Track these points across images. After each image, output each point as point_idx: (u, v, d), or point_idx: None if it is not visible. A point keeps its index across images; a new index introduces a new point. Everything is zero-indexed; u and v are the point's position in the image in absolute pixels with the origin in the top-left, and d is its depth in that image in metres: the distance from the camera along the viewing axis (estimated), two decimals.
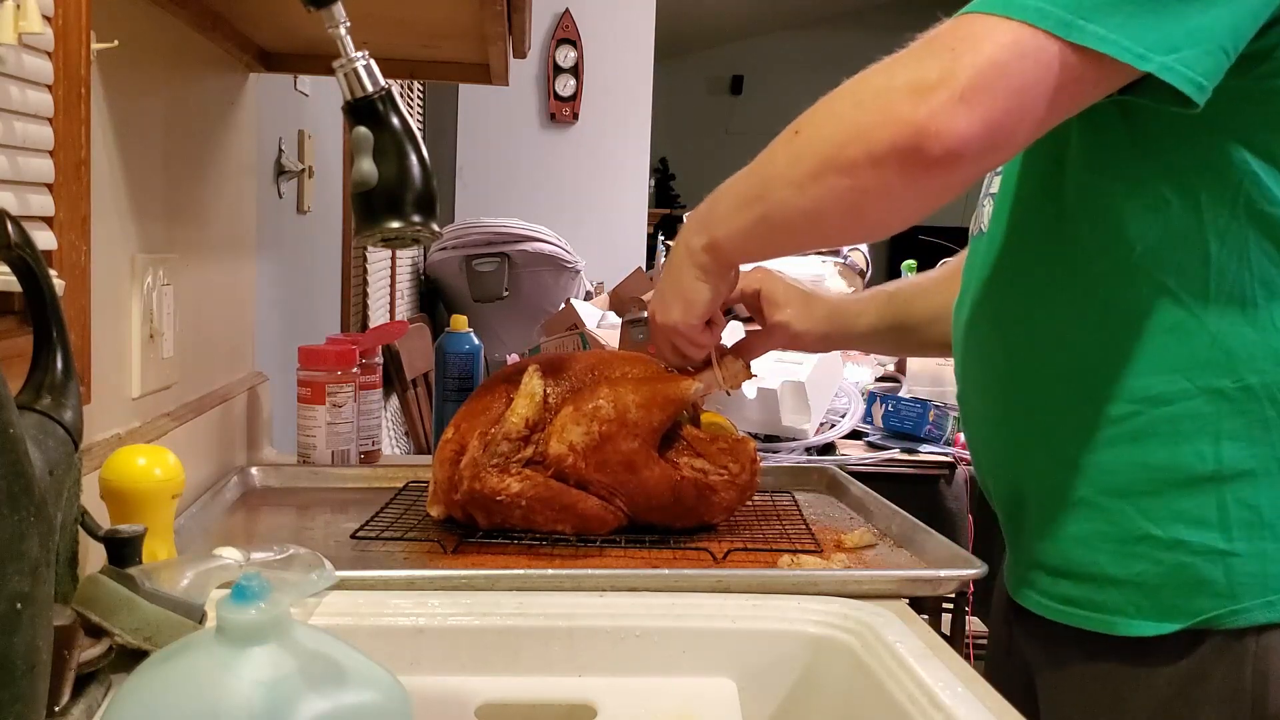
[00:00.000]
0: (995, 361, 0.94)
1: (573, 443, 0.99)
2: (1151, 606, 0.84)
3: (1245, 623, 0.82)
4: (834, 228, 0.85)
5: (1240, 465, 0.81)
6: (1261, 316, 0.81)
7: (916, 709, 0.69)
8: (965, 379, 1.00)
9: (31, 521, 0.49)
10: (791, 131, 0.82)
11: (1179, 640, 0.83)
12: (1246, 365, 0.81)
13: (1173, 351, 0.82)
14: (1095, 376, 0.85)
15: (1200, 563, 0.82)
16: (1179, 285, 0.81)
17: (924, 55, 0.75)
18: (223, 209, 1.33)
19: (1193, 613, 0.83)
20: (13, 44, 0.75)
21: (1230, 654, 0.82)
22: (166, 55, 1.13)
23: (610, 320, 2.66)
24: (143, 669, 0.50)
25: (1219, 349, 0.81)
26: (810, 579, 0.88)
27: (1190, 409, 0.82)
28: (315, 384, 1.33)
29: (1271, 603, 0.81)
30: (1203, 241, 0.80)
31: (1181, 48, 0.72)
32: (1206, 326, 0.81)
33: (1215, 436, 0.81)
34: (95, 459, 0.87)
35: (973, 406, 0.99)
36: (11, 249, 0.61)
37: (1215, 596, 0.82)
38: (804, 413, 1.93)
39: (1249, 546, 0.81)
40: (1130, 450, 0.84)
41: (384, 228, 0.82)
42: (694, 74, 7.92)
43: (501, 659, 0.81)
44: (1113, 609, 0.85)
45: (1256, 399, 0.81)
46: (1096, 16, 0.72)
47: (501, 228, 3.97)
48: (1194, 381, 0.82)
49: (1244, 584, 0.82)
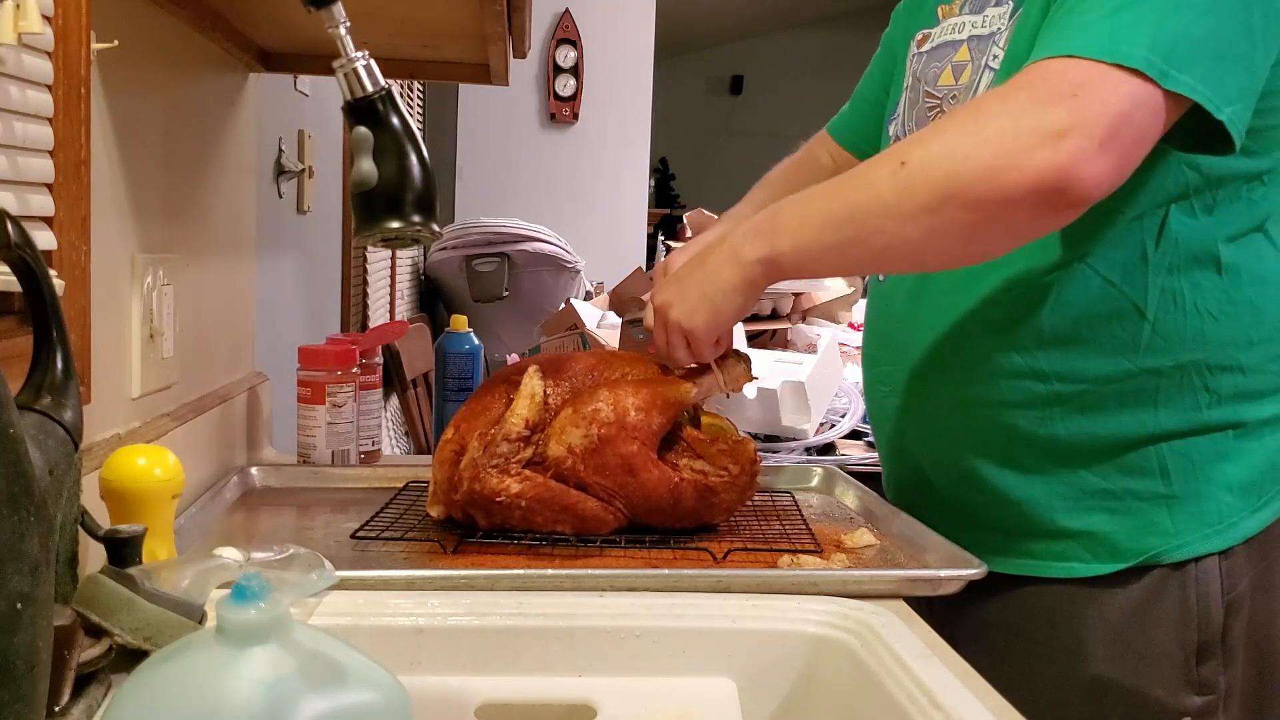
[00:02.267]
0: (939, 349, 1.01)
1: (572, 445, 0.99)
2: (1106, 550, 0.96)
3: (1187, 555, 0.95)
4: (937, 256, 0.90)
5: (1174, 426, 0.95)
6: (1189, 306, 0.93)
7: (916, 709, 0.69)
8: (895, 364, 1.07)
9: (31, 521, 0.49)
10: (896, 162, 0.84)
11: (1127, 575, 0.96)
12: (1179, 347, 0.94)
13: (1119, 338, 0.94)
14: (1047, 361, 0.96)
15: (1148, 508, 0.95)
16: (1123, 280, 0.93)
17: (1043, 101, 0.79)
18: (223, 209, 1.33)
19: (1142, 551, 0.95)
20: (13, 44, 0.75)
21: (1174, 581, 0.95)
22: (166, 55, 1.13)
23: (610, 320, 2.66)
24: (143, 669, 0.50)
25: (1158, 335, 0.93)
26: (810, 579, 0.88)
27: (1133, 386, 0.95)
28: (315, 384, 1.33)
29: (1208, 535, 0.95)
30: (1141, 244, 0.92)
31: (1236, 101, 0.82)
32: (1147, 317, 0.93)
33: (1154, 406, 0.95)
34: (95, 459, 0.87)
35: (904, 392, 1.06)
36: (11, 249, 0.61)
37: (1162, 535, 0.95)
38: (804, 413, 1.93)
39: (1186, 488, 0.95)
40: (1080, 422, 0.96)
41: (384, 228, 0.82)
42: (694, 74, 7.92)
43: (501, 659, 0.81)
44: (1071, 556, 0.98)
45: (1187, 373, 0.94)
46: (1186, 66, 0.79)
47: (501, 228, 3.97)
48: (1136, 363, 0.94)
49: (1185, 522, 0.95)
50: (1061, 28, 0.84)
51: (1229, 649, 0.95)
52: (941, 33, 1.07)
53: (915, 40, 1.12)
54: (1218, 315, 0.93)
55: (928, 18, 1.11)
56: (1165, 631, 0.95)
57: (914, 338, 1.05)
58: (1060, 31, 0.84)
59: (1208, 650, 0.95)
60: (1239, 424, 0.95)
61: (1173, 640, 0.95)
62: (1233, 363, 0.94)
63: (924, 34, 1.10)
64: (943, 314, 1.01)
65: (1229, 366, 0.94)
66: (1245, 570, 0.96)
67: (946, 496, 1.05)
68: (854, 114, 1.27)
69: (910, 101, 1.10)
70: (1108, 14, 0.82)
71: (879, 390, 1.11)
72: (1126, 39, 0.79)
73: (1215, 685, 0.95)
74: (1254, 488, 0.96)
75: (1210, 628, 0.95)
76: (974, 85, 1.01)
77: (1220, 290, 0.93)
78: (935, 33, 1.08)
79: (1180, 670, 0.95)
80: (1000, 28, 0.99)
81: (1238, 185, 0.92)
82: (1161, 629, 0.95)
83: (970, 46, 1.03)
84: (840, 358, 2.20)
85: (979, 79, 1.00)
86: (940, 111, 1.04)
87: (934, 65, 1.07)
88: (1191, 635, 0.95)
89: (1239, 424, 0.95)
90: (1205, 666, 0.95)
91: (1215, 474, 0.95)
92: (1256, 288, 0.94)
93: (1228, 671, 0.96)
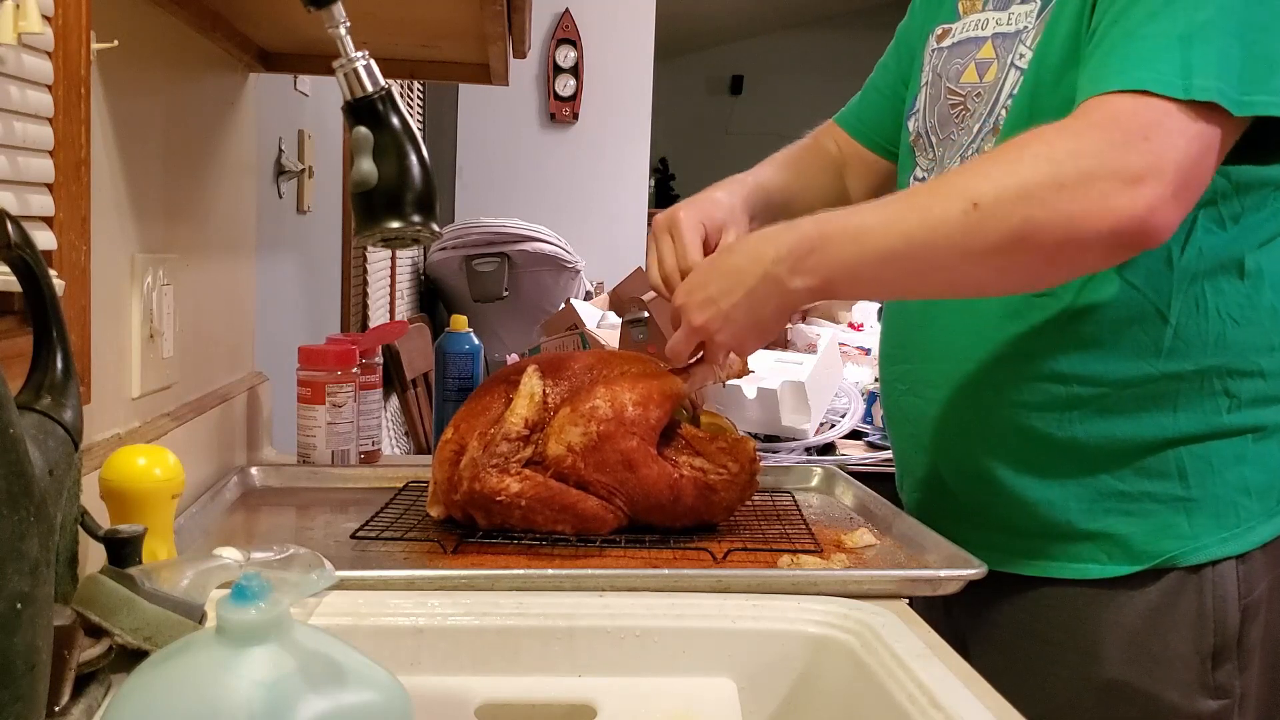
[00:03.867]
0: (958, 348, 1.01)
1: (571, 443, 0.99)
2: (1122, 552, 0.96)
3: (1204, 558, 0.94)
4: (1002, 289, 0.92)
5: (1193, 429, 0.94)
6: (1211, 311, 0.93)
7: (916, 709, 0.69)
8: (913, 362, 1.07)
9: (31, 521, 0.49)
10: (967, 202, 0.83)
11: (1143, 577, 0.95)
12: (1200, 352, 0.93)
13: (1140, 342, 0.94)
14: (1068, 364, 0.95)
15: (1165, 511, 0.95)
16: (1146, 284, 0.93)
17: (1117, 144, 0.80)
18: (223, 209, 1.33)
19: (1158, 554, 0.95)
20: (13, 44, 0.75)
21: (1191, 585, 0.94)
22: (166, 55, 1.13)
23: (610, 320, 2.66)
24: (143, 669, 0.50)
25: (1179, 339, 0.93)
26: (810, 579, 0.88)
27: (1153, 390, 0.94)
28: (315, 384, 1.33)
29: (1224, 539, 0.94)
30: (1166, 249, 0.90)
31: None
32: (1169, 321, 0.93)
33: (1174, 409, 0.94)
34: (95, 459, 0.87)
35: (921, 392, 1.06)
36: (11, 249, 0.61)
37: (1179, 538, 0.94)
38: (804, 413, 1.93)
39: (1204, 492, 0.94)
40: (1098, 425, 0.95)
41: (384, 228, 0.82)
42: (694, 74, 7.92)
43: (501, 659, 0.81)
44: (1087, 557, 0.97)
45: (1207, 378, 0.94)
46: (1258, 87, 0.81)
47: (501, 228, 3.97)
48: (1157, 367, 0.94)
49: (1202, 525, 0.94)
50: (1125, 54, 0.83)
51: (1245, 653, 0.95)
52: (964, 28, 1.06)
53: (935, 35, 1.10)
54: (1240, 320, 0.93)
55: (948, 12, 1.09)
56: (1180, 635, 0.94)
57: (932, 337, 1.04)
58: (1125, 58, 0.83)
59: (1223, 654, 0.94)
60: (1259, 428, 0.95)
61: (1188, 644, 0.94)
62: (1254, 368, 0.94)
63: (944, 28, 1.09)
64: (962, 314, 1.01)
65: (1250, 371, 0.94)
66: (1262, 574, 0.96)
67: (961, 497, 1.05)
68: (865, 105, 1.25)
69: (931, 98, 1.08)
70: (1175, 41, 0.81)
71: (896, 389, 1.11)
72: (1198, 69, 0.80)
73: (1230, 690, 0.95)
74: (1272, 492, 0.96)
75: (1226, 632, 0.94)
76: (999, 84, 0.99)
77: (1243, 295, 0.93)
78: (956, 28, 1.07)
79: (1195, 674, 0.94)
80: (1027, 25, 0.98)
81: (1265, 192, 0.92)
82: (1177, 632, 0.94)
83: (995, 44, 1.01)
84: (840, 358, 2.20)
85: (1004, 77, 0.99)
86: (964, 109, 1.03)
87: (956, 61, 1.05)
88: (1207, 639, 0.94)
89: (1259, 428, 0.95)
90: (1220, 671, 0.95)
91: (1234, 478, 0.95)
92: (1278, 291, 0.94)
93: (1243, 676, 0.95)
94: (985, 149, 1.00)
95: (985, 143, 1.00)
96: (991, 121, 1.00)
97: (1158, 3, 0.83)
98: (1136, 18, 0.84)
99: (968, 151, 1.02)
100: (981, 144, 1.01)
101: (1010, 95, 0.98)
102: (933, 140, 1.07)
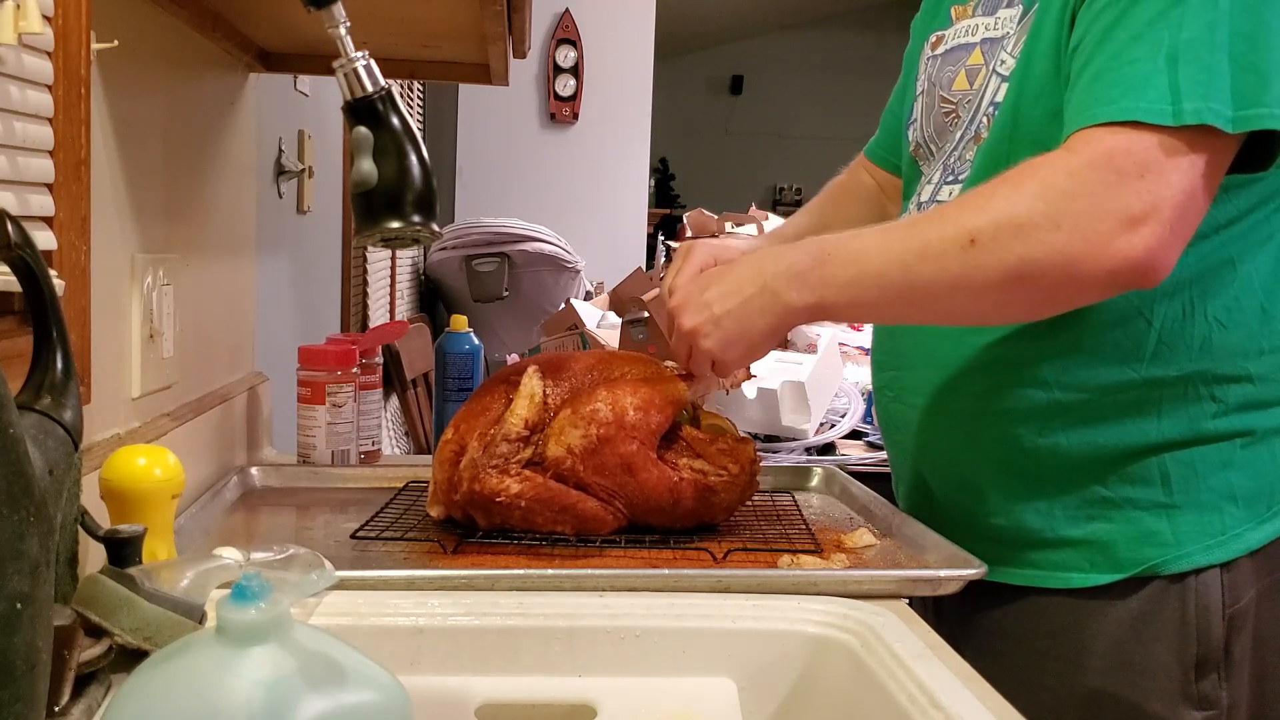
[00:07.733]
0: (942, 356, 1.01)
1: (571, 446, 0.99)
2: (1105, 560, 0.95)
3: (1187, 566, 0.93)
4: (999, 321, 0.94)
5: (1177, 435, 0.93)
6: (1197, 314, 0.92)
7: (916, 709, 0.69)
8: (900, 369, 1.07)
9: (31, 521, 0.49)
10: (965, 239, 0.83)
11: (1126, 586, 0.94)
12: (1186, 356, 0.92)
13: (1123, 347, 0.92)
14: (1050, 370, 0.94)
15: (1147, 517, 0.94)
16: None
17: (1112, 184, 0.80)
18: (223, 209, 1.33)
19: (1140, 561, 0.94)
20: (13, 44, 0.75)
21: (1174, 593, 0.93)
22: (166, 55, 1.13)
23: (610, 320, 2.66)
24: (143, 669, 0.50)
25: (1164, 343, 0.92)
26: (810, 579, 0.88)
27: (1137, 396, 0.93)
28: (315, 384, 1.33)
29: (1209, 547, 0.93)
30: None
31: None
32: (1153, 325, 0.92)
33: (1157, 415, 0.93)
34: (95, 459, 0.87)
35: (907, 399, 1.06)
36: (11, 249, 0.61)
37: (1161, 545, 0.93)
38: (804, 413, 1.93)
39: (1187, 498, 0.93)
40: (1082, 432, 0.94)
41: (384, 228, 0.82)
42: (694, 74, 7.92)
43: (501, 659, 0.81)
44: (1070, 565, 0.96)
45: (1192, 383, 0.92)
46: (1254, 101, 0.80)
47: (501, 228, 3.97)
48: (1140, 373, 0.93)
49: (1186, 532, 0.93)
50: (1112, 80, 0.82)
51: (1231, 663, 0.93)
52: (955, 35, 1.06)
53: (929, 43, 1.10)
54: (1226, 324, 0.92)
55: (942, 19, 1.09)
56: (1163, 644, 0.93)
57: (915, 344, 1.04)
58: (1111, 85, 0.82)
59: (1207, 664, 0.93)
60: (1247, 433, 0.93)
61: (1171, 653, 0.93)
62: (1241, 372, 0.92)
63: (938, 36, 1.09)
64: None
65: (1237, 376, 0.92)
66: (1250, 583, 0.94)
67: (946, 503, 1.05)
68: (885, 134, 1.25)
69: (926, 106, 1.08)
70: (1162, 63, 0.80)
71: (885, 395, 1.11)
72: (1187, 92, 0.79)
73: (1216, 700, 0.93)
74: (1261, 499, 0.94)
75: (1210, 641, 0.93)
76: (982, 90, 0.99)
77: (1230, 298, 0.92)
78: (949, 35, 1.07)
79: (1178, 684, 0.93)
80: (1009, 31, 0.98)
81: (1252, 197, 0.91)
82: (1159, 642, 0.93)
83: (983, 50, 1.01)
84: (840, 358, 2.20)
85: (986, 84, 0.99)
86: (956, 117, 1.03)
87: (948, 69, 1.05)
88: (1190, 649, 0.93)
89: (1247, 433, 0.93)
90: (1205, 681, 0.93)
91: (1219, 484, 0.93)
92: (1267, 294, 0.93)
93: (1230, 686, 0.93)
94: (967, 157, 1.00)
95: (966, 150, 1.00)
96: (973, 129, 1.00)
97: (1141, 23, 0.82)
98: (1121, 40, 0.83)
99: (949, 159, 1.02)
100: (963, 152, 1.00)
101: (993, 103, 0.97)
102: (932, 150, 1.07)
